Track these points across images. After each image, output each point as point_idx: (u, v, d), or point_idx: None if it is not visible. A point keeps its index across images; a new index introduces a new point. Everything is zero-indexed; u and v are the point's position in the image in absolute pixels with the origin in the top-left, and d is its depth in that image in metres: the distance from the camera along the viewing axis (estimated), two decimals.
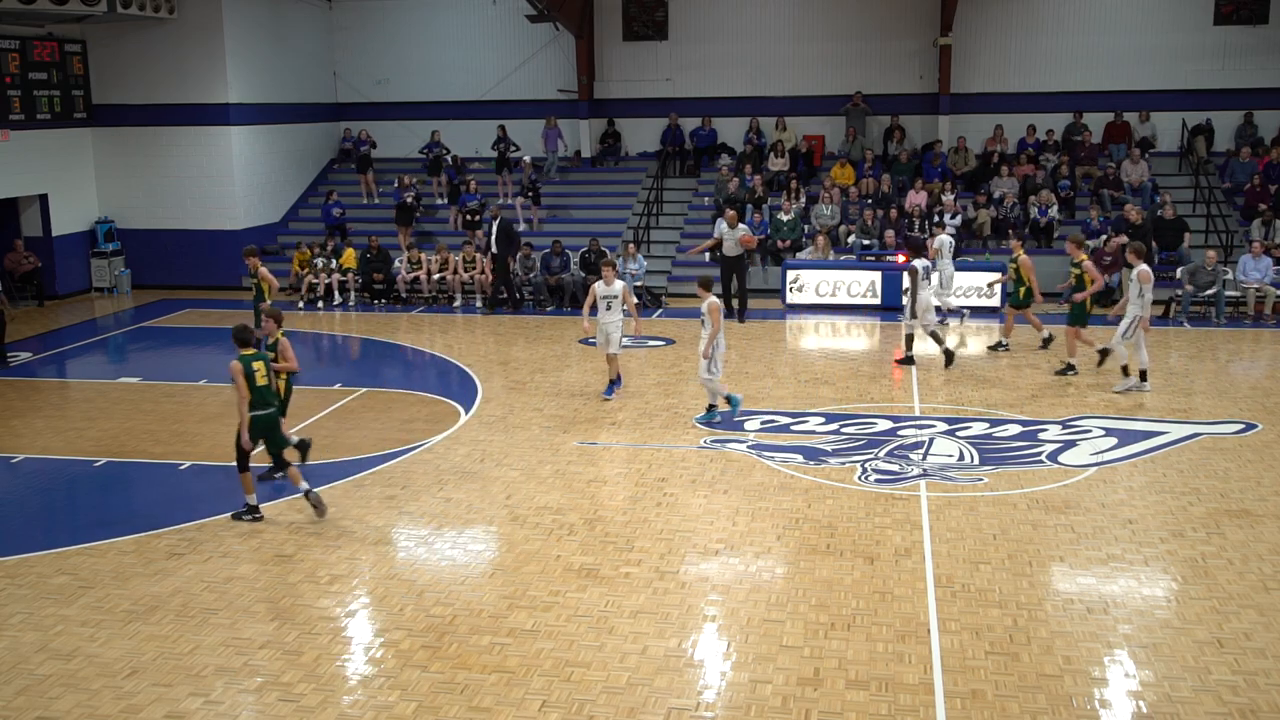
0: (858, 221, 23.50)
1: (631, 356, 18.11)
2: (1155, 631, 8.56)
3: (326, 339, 20.48)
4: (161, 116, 24.81)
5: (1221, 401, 15.03)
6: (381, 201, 26.48)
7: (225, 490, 12.14)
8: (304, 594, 9.49)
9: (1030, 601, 9.09)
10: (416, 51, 27.91)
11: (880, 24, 25.99)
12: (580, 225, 25.01)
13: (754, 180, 24.68)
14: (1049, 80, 25.56)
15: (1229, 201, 23.63)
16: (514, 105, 27.20)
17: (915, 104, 26.08)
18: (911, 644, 8.41)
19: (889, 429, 13.86)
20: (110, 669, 8.26)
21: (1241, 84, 24.73)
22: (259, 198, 25.87)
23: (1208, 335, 19.27)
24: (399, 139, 27.58)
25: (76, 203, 24.86)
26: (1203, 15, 24.80)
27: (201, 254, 24.90)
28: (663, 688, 7.84)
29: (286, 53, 26.42)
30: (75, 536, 10.89)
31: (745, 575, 9.72)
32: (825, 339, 19.99)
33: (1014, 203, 23.63)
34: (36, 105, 23.60)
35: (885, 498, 11.50)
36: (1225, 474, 12.10)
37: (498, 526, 10.97)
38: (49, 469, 13.07)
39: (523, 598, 9.30)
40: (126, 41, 24.60)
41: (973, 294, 21.46)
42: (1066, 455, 12.77)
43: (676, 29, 26.95)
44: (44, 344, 19.72)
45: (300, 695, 7.83)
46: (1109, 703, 7.62)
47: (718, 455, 12.95)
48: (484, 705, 7.64)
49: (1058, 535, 10.47)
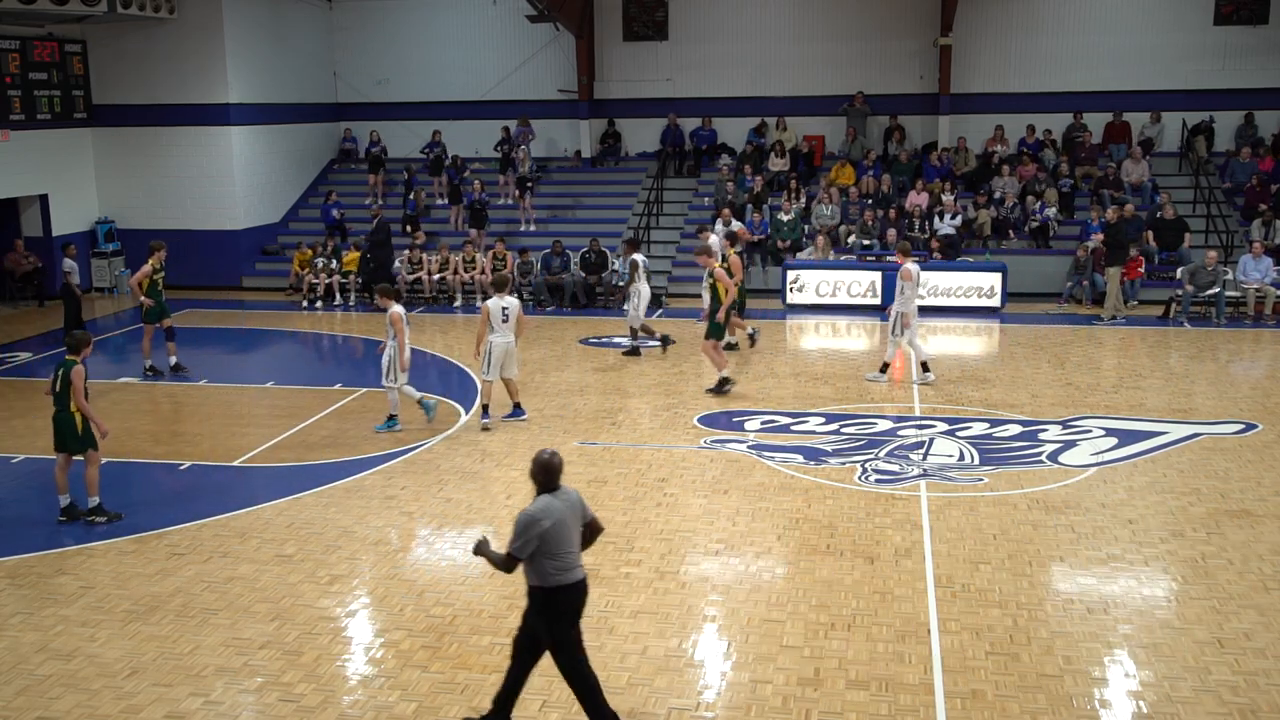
0: (858, 222, 23.50)
1: (631, 357, 18.10)
2: (1155, 632, 8.56)
3: (327, 339, 20.48)
4: (162, 116, 24.82)
5: (1222, 402, 15.03)
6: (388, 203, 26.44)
7: (225, 490, 12.15)
8: (304, 594, 9.48)
9: (1030, 601, 9.09)
10: (417, 51, 27.91)
11: (880, 24, 25.99)
12: (580, 225, 25.01)
13: (754, 180, 24.69)
14: (1049, 80, 25.55)
15: (1229, 202, 23.63)
16: (514, 105, 27.17)
17: (915, 104, 26.08)
18: (912, 644, 8.41)
19: (889, 429, 13.86)
20: (110, 669, 8.26)
21: (1241, 84, 24.72)
22: (259, 198, 25.87)
23: (1208, 335, 19.27)
24: (399, 139, 27.58)
25: (77, 203, 24.86)
26: (1203, 15, 24.80)
27: (202, 254, 24.88)
28: (663, 688, 7.84)
29: (287, 53, 26.42)
30: (75, 537, 10.89)
31: (745, 575, 9.71)
32: (825, 339, 19.99)
33: (1014, 203, 23.64)
34: (37, 105, 23.60)
35: (885, 498, 11.50)
36: (1225, 474, 12.10)
37: (498, 527, 10.97)
38: (49, 469, 13.02)
39: (522, 598, 9.27)
40: (127, 41, 24.60)
41: (974, 294, 21.49)
42: (1067, 455, 12.77)
43: (677, 29, 26.95)
44: (44, 344, 19.71)
45: (300, 695, 7.83)
46: (1109, 703, 7.62)
47: (718, 455, 12.95)
48: (484, 705, 7.62)
49: (1058, 535, 10.46)
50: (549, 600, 6.92)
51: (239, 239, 25.31)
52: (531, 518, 6.80)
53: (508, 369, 14.16)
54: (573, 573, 6.96)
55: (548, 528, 6.79)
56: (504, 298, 14.04)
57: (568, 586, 6.94)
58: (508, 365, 14.13)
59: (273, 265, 25.54)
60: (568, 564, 6.92)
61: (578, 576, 6.99)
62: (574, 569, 6.96)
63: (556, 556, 6.86)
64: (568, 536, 6.93)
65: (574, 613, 7.03)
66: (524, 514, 6.86)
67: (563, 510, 6.92)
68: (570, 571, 6.94)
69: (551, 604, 6.93)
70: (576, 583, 6.99)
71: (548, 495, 6.93)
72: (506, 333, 13.99)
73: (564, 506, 6.95)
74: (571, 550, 6.96)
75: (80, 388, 11.05)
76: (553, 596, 6.91)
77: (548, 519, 6.81)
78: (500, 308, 13.97)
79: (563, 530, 6.88)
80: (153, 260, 17.15)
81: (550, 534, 6.80)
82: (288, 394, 16.23)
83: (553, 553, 6.85)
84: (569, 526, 6.95)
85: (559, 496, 6.96)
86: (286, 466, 12.94)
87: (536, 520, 6.79)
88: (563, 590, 6.92)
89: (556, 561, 6.87)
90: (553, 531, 6.81)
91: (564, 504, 6.96)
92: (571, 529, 6.98)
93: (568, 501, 7.00)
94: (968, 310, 21.37)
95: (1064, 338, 19.12)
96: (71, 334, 11.54)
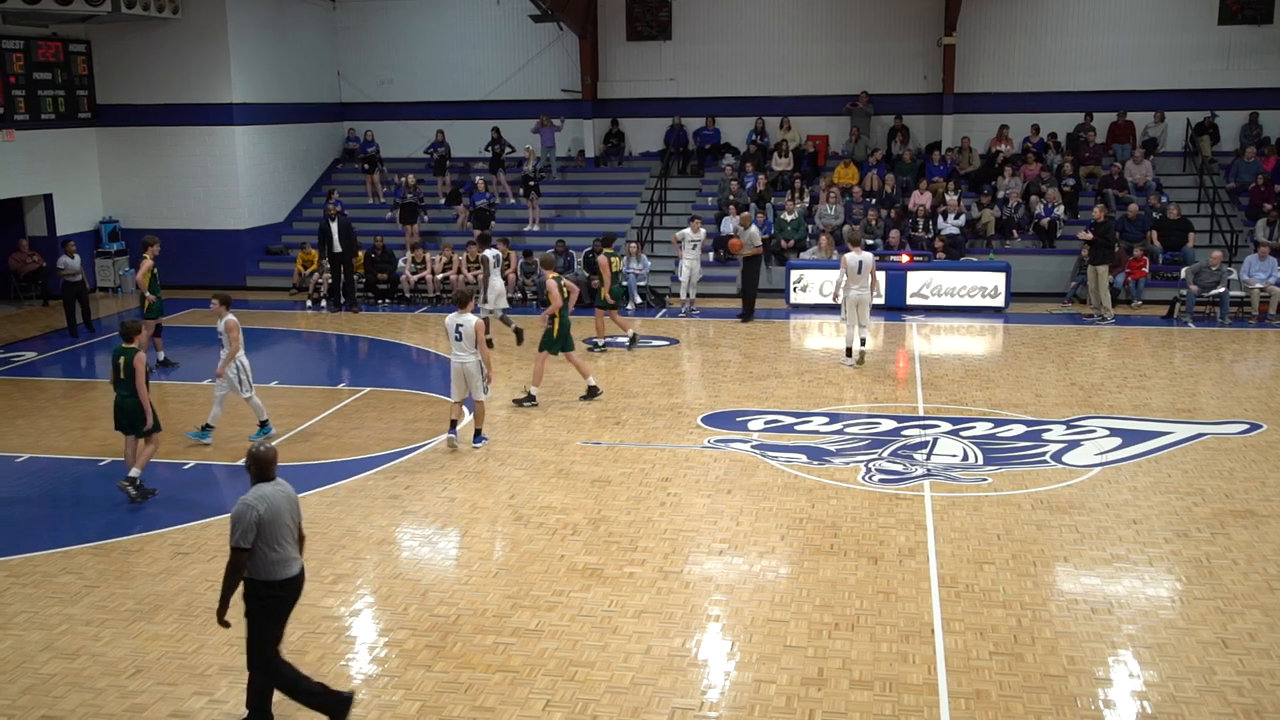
0: (861, 221, 23.48)
1: (635, 356, 18.13)
2: (1160, 632, 8.55)
3: (331, 339, 20.49)
4: (166, 116, 24.84)
5: (1226, 402, 15.01)
6: (386, 202, 26.50)
7: (229, 489, 12.17)
8: (308, 593, 9.40)
9: (1034, 602, 9.08)
10: (420, 51, 27.93)
11: (884, 24, 25.97)
12: (584, 225, 25.03)
13: (758, 180, 24.68)
14: (1053, 80, 25.52)
15: (1234, 201, 23.59)
16: (517, 105, 27.20)
17: (919, 104, 26.06)
18: (915, 644, 8.40)
19: (893, 429, 13.85)
20: (115, 668, 8.27)
21: (1246, 84, 24.67)
22: (263, 198, 25.89)
23: (1212, 335, 19.24)
24: (403, 139, 27.59)
25: (81, 203, 24.89)
26: (1207, 15, 24.75)
27: (206, 254, 24.93)
28: (666, 687, 7.84)
29: (290, 53, 26.45)
30: (80, 536, 10.91)
31: (749, 575, 9.71)
32: (829, 339, 19.96)
33: (1018, 203, 23.62)
34: (41, 105, 23.63)
35: (889, 498, 11.49)
36: (1230, 474, 12.08)
37: (502, 526, 10.98)
38: (53, 468, 13.08)
39: (526, 597, 9.30)
40: (131, 41, 24.63)
41: (978, 294, 21.48)
42: (1071, 455, 12.76)
43: (680, 29, 26.94)
44: (48, 343, 19.73)
45: None
46: (1113, 703, 7.61)
47: (722, 455, 12.95)
48: (488, 705, 7.64)
49: (1062, 535, 10.45)
50: (269, 591, 7.04)
51: (243, 239, 25.33)
52: (245, 504, 6.95)
53: (473, 390, 13.13)
54: (291, 565, 7.12)
55: (263, 512, 6.93)
56: (462, 314, 12.90)
57: (286, 580, 7.10)
58: (472, 387, 13.10)
59: (276, 265, 25.56)
60: (287, 555, 7.08)
61: (295, 570, 7.16)
62: (292, 561, 7.13)
63: (276, 546, 7.00)
64: (286, 524, 7.09)
65: (289, 606, 7.20)
66: (237, 503, 6.99)
67: (278, 498, 7.07)
68: (289, 564, 7.10)
69: (270, 595, 7.05)
70: (294, 576, 7.15)
71: (262, 484, 7.10)
72: (460, 352, 12.98)
73: (279, 495, 7.10)
74: (290, 542, 7.12)
75: (143, 374, 11.55)
76: (272, 588, 7.04)
77: (262, 504, 6.97)
78: (455, 325, 12.93)
79: (279, 518, 7.03)
80: (149, 255, 17.19)
81: (267, 521, 6.93)
82: (291, 393, 16.24)
83: (272, 542, 6.98)
84: (286, 515, 7.09)
85: (274, 486, 7.13)
86: (290, 466, 12.88)
87: (250, 506, 6.94)
88: (281, 584, 7.08)
89: (276, 552, 7.01)
90: (269, 518, 6.94)
91: (279, 493, 7.11)
92: (289, 519, 7.12)
93: (283, 492, 7.16)
94: (972, 310, 21.37)
95: (1068, 337, 19.11)
96: (123, 322, 11.99)
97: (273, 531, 6.97)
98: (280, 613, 7.16)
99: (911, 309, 21.58)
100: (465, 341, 12.91)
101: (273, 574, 7.01)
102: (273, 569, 7.00)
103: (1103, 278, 20.22)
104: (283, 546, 7.04)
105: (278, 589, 7.05)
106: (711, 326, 20.62)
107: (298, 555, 7.21)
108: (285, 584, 7.10)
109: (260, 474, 7.12)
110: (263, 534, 6.92)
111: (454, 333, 12.96)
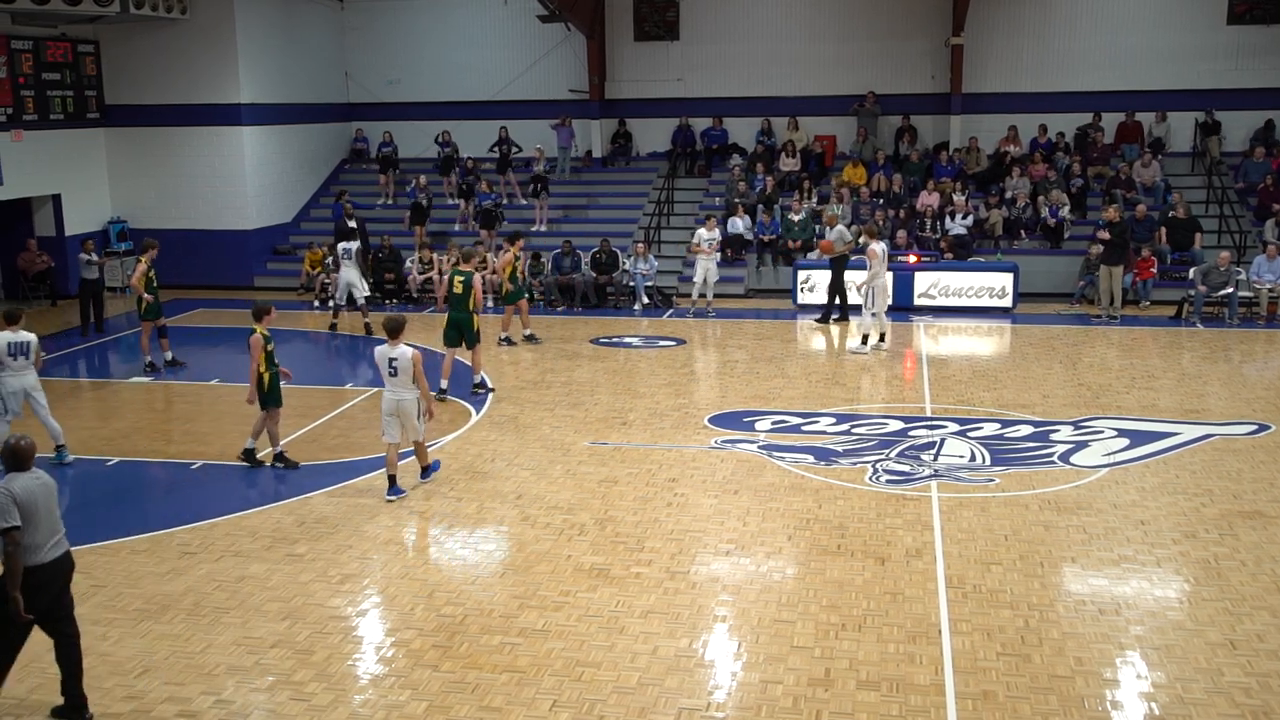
0: (869, 221, 23.43)
1: (642, 357, 18.13)
2: (1168, 633, 8.53)
3: (339, 339, 20.50)
4: (174, 117, 24.89)
5: (1234, 403, 14.96)
6: (397, 203, 26.53)
7: (237, 489, 12.18)
8: (315, 593, 9.50)
9: (1042, 602, 9.06)
10: (428, 51, 27.95)
11: (892, 24, 25.94)
12: (591, 225, 25.03)
13: (766, 181, 24.66)
14: (1061, 80, 25.45)
15: (1242, 202, 23.53)
16: (525, 105, 27.21)
17: (927, 104, 26.01)
18: (923, 645, 8.39)
19: (900, 429, 13.83)
20: (122, 667, 8.29)
21: (1255, 84, 24.59)
22: (271, 198, 25.93)
23: (1221, 336, 19.19)
24: (411, 139, 27.62)
25: (89, 203, 24.94)
26: (1216, 15, 24.67)
27: (213, 254, 24.98)
28: (673, 688, 7.84)
29: (298, 53, 26.49)
30: (87, 535, 10.92)
31: (756, 576, 9.71)
32: (837, 339, 19.94)
33: (1025, 203, 23.58)
34: (50, 106, 23.68)
35: (896, 498, 11.47)
36: (1238, 475, 12.05)
37: (509, 526, 10.98)
38: (61, 467, 13.10)
39: (533, 597, 9.31)
40: (139, 42, 24.69)
41: (985, 294, 21.45)
42: (1078, 456, 12.73)
43: (687, 29, 26.93)
44: (56, 343, 19.77)
45: (311, 694, 7.85)
46: (1121, 704, 7.59)
47: (728, 456, 12.94)
48: (495, 705, 7.65)
49: (1069, 536, 10.43)
50: (28, 576, 7.24)
51: (250, 239, 25.37)
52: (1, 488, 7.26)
53: (409, 430, 11.68)
54: (50, 550, 7.41)
55: (17, 492, 7.21)
56: (394, 346, 11.40)
57: (47, 564, 7.38)
58: (408, 427, 11.65)
59: (284, 265, 25.60)
60: (46, 540, 7.37)
61: (57, 553, 7.48)
62: (51, 546, 7.42)
63: (35, 531, 7.27)
64: (44, 509, 7.38)
65: (49, 589, 7.42)
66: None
67: (34, 485, 7.38)
68: (48, 549, 7.38)
69: (30, 580, 7.26)
70: (55, 559, 7.45)
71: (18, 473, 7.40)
72: (395, 387, 11.50)
73: (36, 483, 7.40)
74: (49, 528, 7.41)
75: (257, 354, 12.20)
76: (32, 573, 7.27)
77: (16, 484, 7.28)
78: (387, 359, 11.43)
79: (36, 503, 7.31)
80: (145, 258, 17.23)
81: (24, 503, 7.21)
82: (299, 393, 16.21)
83: (32, 527, 7.26)
84: (43, 501, 7.38)
85: (32, 475, 7.43)
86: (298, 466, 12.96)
87: (5, 487, 7.24)
88: (42, 568, 7.34)
89: (37, 536, 7.28)
90: (26, 501, 7.23)
91: (36, 481, 7.41)
92: (47, 506, 7.42)
93: (40, 481, 7.46)
94: (979, 310, 21.34)
95: (1076, 338, 19.07)
96: (256, 302, 12.57)
97: (30, 516, 7.27)
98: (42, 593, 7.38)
99: (919, 309, 21.56)
100: (401, 377, 11.42)
101: (33, 558, 7.30)
102: (32, 554, 7.30)
103: (1116, 278, 20.17)
104: (42, 531, 7.36)
105: (38, 571, 7.32)
106: (720, 327, 20.61)
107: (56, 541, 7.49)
108: (45, 567, 7.38)
109: (18, 466, 7.43)
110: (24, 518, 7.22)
111: (387, 368, 11.43)
